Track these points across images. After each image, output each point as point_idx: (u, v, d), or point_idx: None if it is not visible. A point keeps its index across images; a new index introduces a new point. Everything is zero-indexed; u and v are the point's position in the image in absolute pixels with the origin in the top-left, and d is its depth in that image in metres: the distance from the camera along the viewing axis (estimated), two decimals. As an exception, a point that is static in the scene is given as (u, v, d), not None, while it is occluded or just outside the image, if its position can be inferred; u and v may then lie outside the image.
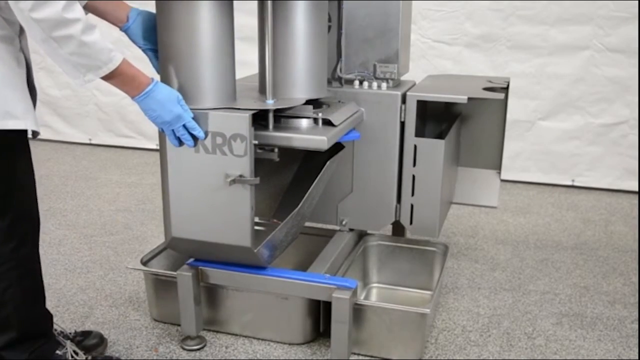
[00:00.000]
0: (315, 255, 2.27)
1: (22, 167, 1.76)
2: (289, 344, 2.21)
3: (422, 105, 2.32)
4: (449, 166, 2.47)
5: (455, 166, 2.68)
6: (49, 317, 1.94)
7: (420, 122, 2.34)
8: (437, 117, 2.59)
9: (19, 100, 1.66)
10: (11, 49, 1.66)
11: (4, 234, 1.73)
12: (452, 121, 2.53)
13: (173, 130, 1.83)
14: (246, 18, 2.42)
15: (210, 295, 2.22)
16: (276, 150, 1.92)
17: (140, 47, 1.93)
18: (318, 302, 2.17)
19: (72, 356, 1.93)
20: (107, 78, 1.67)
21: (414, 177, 2.29)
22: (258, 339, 2.23)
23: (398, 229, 2.68)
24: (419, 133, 2.30)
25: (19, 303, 1.79)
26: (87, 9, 1.84)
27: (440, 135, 2.49)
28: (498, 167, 2.70)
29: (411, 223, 2.35)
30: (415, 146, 2.27)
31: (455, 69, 3.95)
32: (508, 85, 2.51)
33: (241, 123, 1.80)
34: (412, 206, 2.32)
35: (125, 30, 1.90)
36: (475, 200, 2.77)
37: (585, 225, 3.36)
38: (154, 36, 1.89)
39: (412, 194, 2.31)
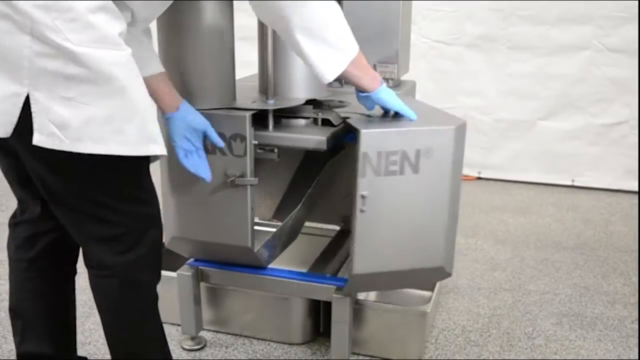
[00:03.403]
0: (315, 255, 2.27)
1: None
2: (289, 344, 2.21)
3: None
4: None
5: None
6: None
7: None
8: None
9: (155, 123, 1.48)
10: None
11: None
12: None
13: None
14: (246, 18, 2.41)
15: (210, 295, 2.22)
16: (276, 150, 1.92)
17: (172, 140, 1.72)
18: (318, 302, 2.17)
19: None
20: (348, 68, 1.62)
21: None
22: (258, 339, 2.23)
23: (398, 229, 2.68)
24: None
25: None
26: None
27: None
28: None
29: None
30: None
31: (455, 69, 3.95)
32: None
33: (241, 123, 1.80)
34: None
35: (168, 117, 1.71)
36: None
37: (585, 225, 3.36)
38: (191, 136, 1.73)
39: None
